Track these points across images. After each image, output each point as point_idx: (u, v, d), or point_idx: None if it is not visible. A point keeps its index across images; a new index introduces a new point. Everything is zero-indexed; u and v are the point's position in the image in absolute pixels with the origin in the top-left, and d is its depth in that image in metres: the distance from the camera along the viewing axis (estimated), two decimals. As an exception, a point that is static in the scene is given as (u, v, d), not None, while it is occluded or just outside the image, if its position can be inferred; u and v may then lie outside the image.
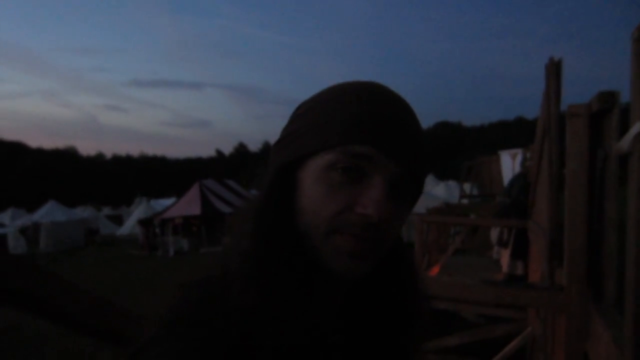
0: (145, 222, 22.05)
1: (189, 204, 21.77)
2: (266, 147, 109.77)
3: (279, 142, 0.66)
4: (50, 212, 24.02)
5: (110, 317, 1.01)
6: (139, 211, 28.32)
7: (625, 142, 1.76)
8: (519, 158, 9.20)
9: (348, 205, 0.57)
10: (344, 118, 0.58)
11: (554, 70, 3.27)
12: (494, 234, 6.55)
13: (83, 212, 29.68)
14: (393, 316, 0.66)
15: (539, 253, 3.84)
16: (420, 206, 13.77)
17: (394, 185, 0.59)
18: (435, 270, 5.99)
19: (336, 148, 0.58)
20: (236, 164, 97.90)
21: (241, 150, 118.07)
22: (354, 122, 0.58)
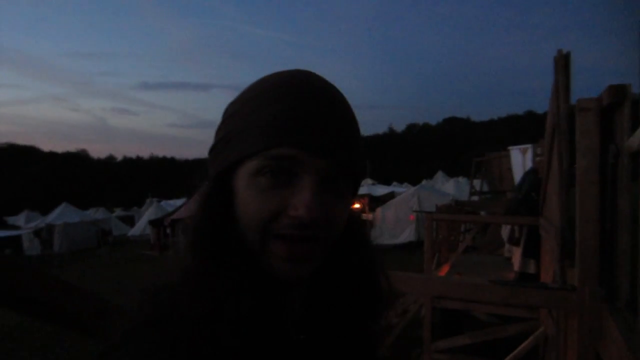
0: (156, 223, 22.18)
1: (189, 207, 21.85)
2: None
3: (212, 148, 0.64)
4: (63, 214, 24.35)
5: (84, 306, 1.00)
6: (149, 212, 28.55)
7: (637, 139, 1.70)
8: (529, 154, 9.07)
9: (280, 209, 0.56)
10: (262, 121, 0.57)
11: (563, 63, 3.19)
12: (505, 231, 6.46)
13: (95, 213, 30.01)
14: (354, 304, 0.66)
15: (551, 252, 3.77)
16: (430, 204, 13.68)
17: (328, 180, 0.58)
18: (445, 269, 5.93)
19: (257, 154, 0.56)
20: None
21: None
22: (273, 124, 0.56)
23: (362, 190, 27.86)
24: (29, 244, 21.96)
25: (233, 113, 0.62)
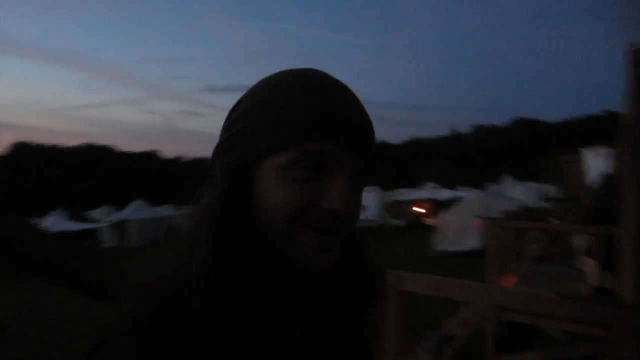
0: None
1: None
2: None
3: (224, 142, 0.64)
4: (136, 210, 25.83)
5: (94, 271, 1.04)
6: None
7: None
8: (606, 157, 8.47)
9: (312, 202, 0.57)
10: (299, 116, 0.58)
11: (635, 58, 2.91)
12: (578, 241, 6.06)
13: (166, 210, 31.48)
14: (351, 300, 0.68)
15: (629, 266, 3.48)
16: (497, 209, 13.12)
17: (355, 176, 0.60)
18: (512, 281, 5.64)
19: (293, 148, 0.57)
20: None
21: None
22: (311, 118, 0.58)
23: (425, 194, 27.28)
24: (106, 236, 23.48)
25: (252, 106, 0.62)
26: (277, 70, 0.66)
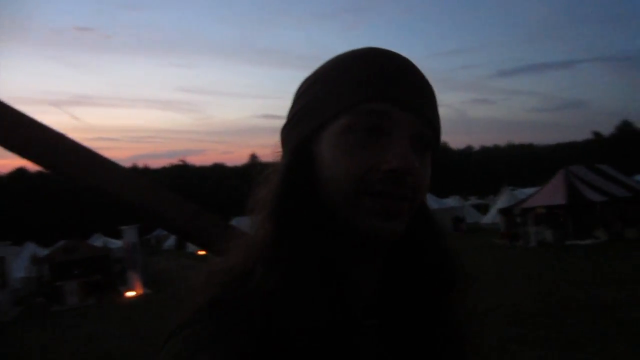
0: (505, 211, 21.79)
1: (553, 193, 20.41)
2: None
3: (287, 124, 0.65)
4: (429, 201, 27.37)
5: (208, 226, 1.13)
6: (502, 200, 28.36)
7: None
8: None
9: (372, 165, 0.55)
10: (352, 79, 0.58)
11: None
12: None
13: (452, 201, 31.94)
14: (429, 285, 0.63)
15: None
16: None
17: (416, 139, 0.57)
18: None
19: (350, 110, 0.56)
20: (618, 145, 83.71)
21: (625, 129, 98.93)
22: (364, 80, 0.57)
23: None
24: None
25: (310, 85, 0.63)
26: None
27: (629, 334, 6.32)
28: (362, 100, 0.56)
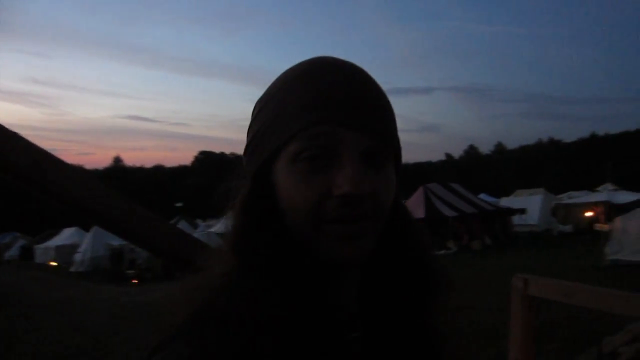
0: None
1: (413, 208, 22.16)
2: (499, 148, 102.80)
3: (246, 149, 0.64)
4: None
5: (182, 245, 1.19)
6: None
7: None
8: None
9: (325, 192, 0.54)
10: (296, 102, 0.56)
11: None
12: None
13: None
14: (410, 294, 0.63)
15: None
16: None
17: (370, 156, 0.56)
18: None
19: (296, 136, 0.55)
20: (466, 167, 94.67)
21: (472, 152, 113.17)
22: (307, 104, 0.56)
23: (600, 197, 24.09)
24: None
25: (262, 108, 0.62)
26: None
27: (475, 332, 7.19)
28: (307, 126, 0.55)
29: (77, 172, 1.12)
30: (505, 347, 2.59)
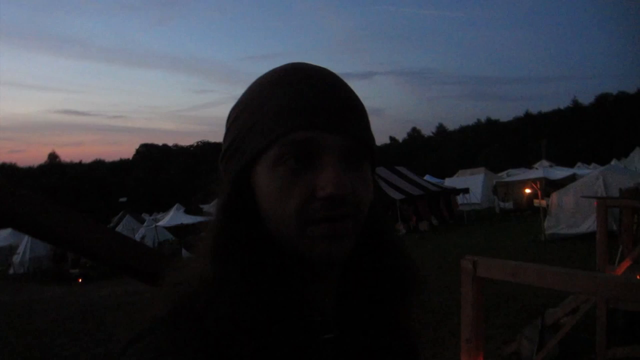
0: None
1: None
2: (440, 130, 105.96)
3: (223, 155, 0.65)
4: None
5: (144, 258, 1.14)
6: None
7: None
8: None
9: (308, 194, 0.56)
10: (273, 111, 0.58)
11: None
12: None
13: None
14: (385, 295, 0.65)
15: None
16: (616, 188, 11.78)
17: (348, 157, 0.58)
18: (624, 266, 5.06)
19: (276, 142, 0.57)
20: (410, 149, 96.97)
21: (414, 135, 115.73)
22: (284, 111, 0.57)
23: (536, 173, 25.41)
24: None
25: (238, 115, 0.63)
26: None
27: (427, 311, 7.42)
28: (286, 132, 0.56)
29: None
30: (456, 325, 2.65)
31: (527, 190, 20.68)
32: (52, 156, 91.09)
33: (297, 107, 0.57)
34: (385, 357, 0.66)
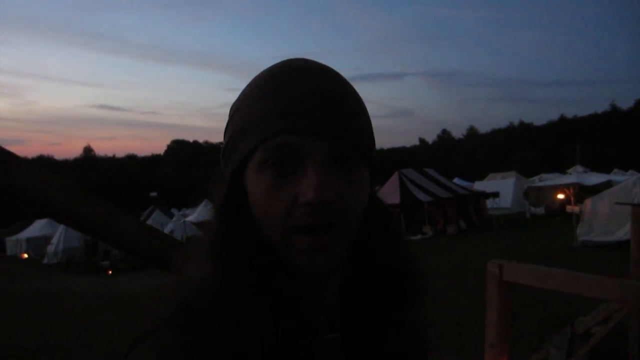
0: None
1: (388, 193, 22.30)
2: (471, 132, 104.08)
3: (223, 152, 0.64)
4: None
5: (157, 243, 1.17)
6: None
7: None
8: None
9: (292, 200, 0.54)
10: (262, 111, 0.57)
11: None
12: None
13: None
14: (389, 296, 0.64)
15: None
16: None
17: (336, 162, 0.56)
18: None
19: (259, 146, 0.56)
20: (440, 151, 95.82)
21: (445, 137, 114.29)
22: (271, 112, 0.56)
23: (570, 179, 24.72)
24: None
25: (234, 113, 0.62)
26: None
27: (453, 315, 7.33)
28: (268, 136, 0.55)
29: (37, 171, 1.05)
30: (483, 330, 2.61)
31: (560, 196, 20.12)
32: (87, 150, 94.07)
33: (282, 110, 0.55)
34: (391, 358, 0.64)
